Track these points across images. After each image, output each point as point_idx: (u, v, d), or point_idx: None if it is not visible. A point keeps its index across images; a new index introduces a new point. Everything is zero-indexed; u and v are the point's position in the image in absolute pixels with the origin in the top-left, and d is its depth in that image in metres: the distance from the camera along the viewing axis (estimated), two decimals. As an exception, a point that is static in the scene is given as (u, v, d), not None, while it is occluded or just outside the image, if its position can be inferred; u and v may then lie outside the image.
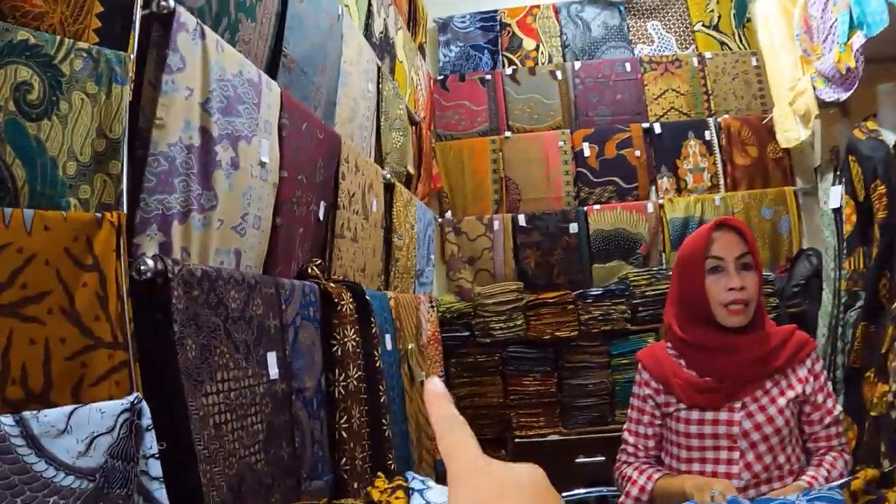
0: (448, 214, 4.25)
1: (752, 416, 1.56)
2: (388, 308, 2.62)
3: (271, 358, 1.48)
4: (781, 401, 1.57)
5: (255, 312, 1.45)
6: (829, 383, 1.68)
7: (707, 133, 4.11)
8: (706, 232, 1.64)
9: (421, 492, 1.17)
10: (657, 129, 4.12)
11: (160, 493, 0.93)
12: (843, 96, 3.18)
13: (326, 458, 1.72)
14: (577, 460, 3.43)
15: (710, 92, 4.21)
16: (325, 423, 1.78)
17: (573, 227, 4.02)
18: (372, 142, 2.78)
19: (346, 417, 1.82)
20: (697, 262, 1.63)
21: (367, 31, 2.81)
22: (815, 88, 3.30)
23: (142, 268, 1.14)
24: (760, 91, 4.16)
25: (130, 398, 0.95)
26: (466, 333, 3.78)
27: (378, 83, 2.86)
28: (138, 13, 1.14)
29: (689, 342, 1.64)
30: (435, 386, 0.43)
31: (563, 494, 3.48)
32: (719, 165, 4.10)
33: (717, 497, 1.37)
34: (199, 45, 1.36)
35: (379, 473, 1.48)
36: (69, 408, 0.89)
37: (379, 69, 2.87)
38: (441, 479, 3.37)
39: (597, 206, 4.05)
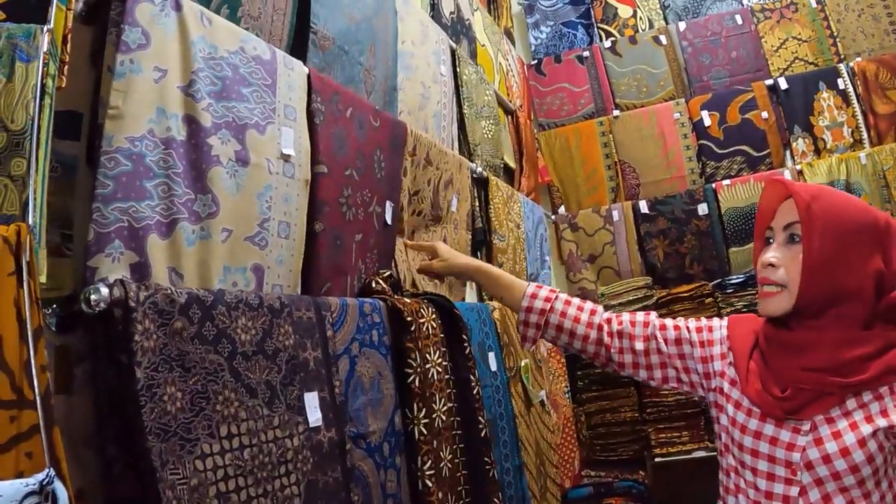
0: (561, 209, 3.91)
1: (821, 444, 1.14)
2: (492, 321, 2.27)
3: (310, 399, 1.16)
4: (866, 428, 1.12)
5: (281, 344, 1.14)
6: None
7: (840, 81, 3.55)
8: (761, 195, 1.30)
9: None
10: (783, 84, 3.61)
11: None
12: None
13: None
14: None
15: (835, 34, 3.65)
16: (405, 470, 1.45)
17: (702, 209, 3.58)
18: (454, 131, 2.45)
19: (430, 461, 1.48)
20: (758, 234, 1.31)
21: (434, 10, 2.49)
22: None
23: (92, 298, 0.86)
24: (892, 25, 3.58)
25: (39, 477, 0.67)
26: None
27: (455, 67, 2.54)
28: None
29: (765, 331, 1.28)
30: None
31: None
32: (859, 117, 3.53)
33: None
34: (171, 19, 1.08)
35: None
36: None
37: (454, 52, 2.54)
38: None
39: (726, 182, 3.58)
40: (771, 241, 1.26)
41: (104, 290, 0.87)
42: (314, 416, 1.16)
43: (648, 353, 1.39)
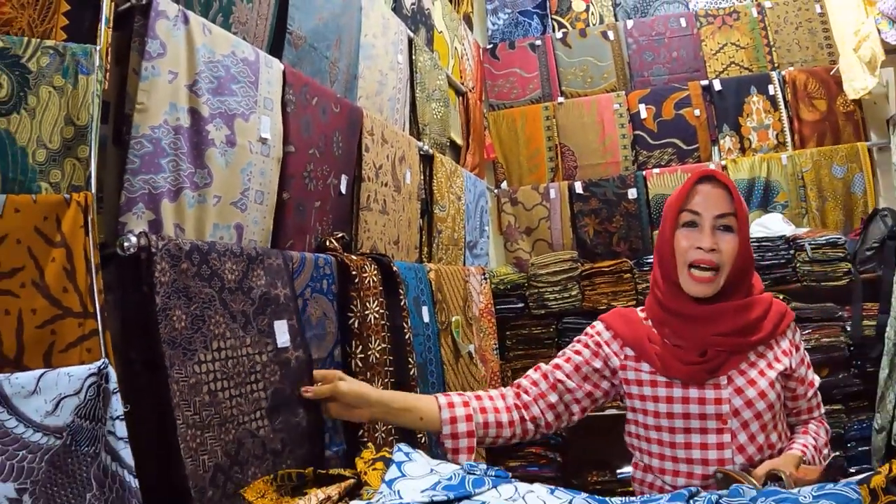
0: (503, 185, 4.26)
1: (741, 392, 1.41)
2: (427, 280, 2.65)
3: (280, 326, 1.53)
4: (771, 373, 1.43)
5: (255, 283, 1.50)
6: (807, 354, 1.56)
7: (771, 87, 3.91)
8: (689, 182, 1.47)
9: (400, 464, 1.18)
10: (717, 85, 3.97)
11: (126, 452, 0.99)
12: (909, 38, 2.97)
13: (339, 429, 1.76)
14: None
15: (772, 44, 4.01)
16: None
17: (632, 193, 3.94)
18: (406, 113, 2.80)
19: (364, 389, 1.86)
20: (671, 214, 1.47)
21: (396, 2, 2.81)
22: (879, 31, 3.08)
23: (125, 244, 1.21)
24: (827, 40, 3.91)
25: (98, 363, 1.02)
26: (521, 305, 3.72)
27: (410, 55, 2.87)
28: (105, 6, 1.19)
29: (664, 306, 1.49)
30: None
31: (620, 472, 3.43)
32: (785, 122, 3.89)
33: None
34: (181, 31, 1.41)
35: (368, 444, 1.51)
36: (39, 371, 0.97)
37: (411, 41, 2.87)
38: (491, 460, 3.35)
39: (656, 170, 3.95)
40: (694, 224, 1.43)
41: (133, 239, 1.22)
42: (283, 338, 1.52)
43: (562, 399, 1.53)
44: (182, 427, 1.20)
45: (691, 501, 1.04)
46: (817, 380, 1.57)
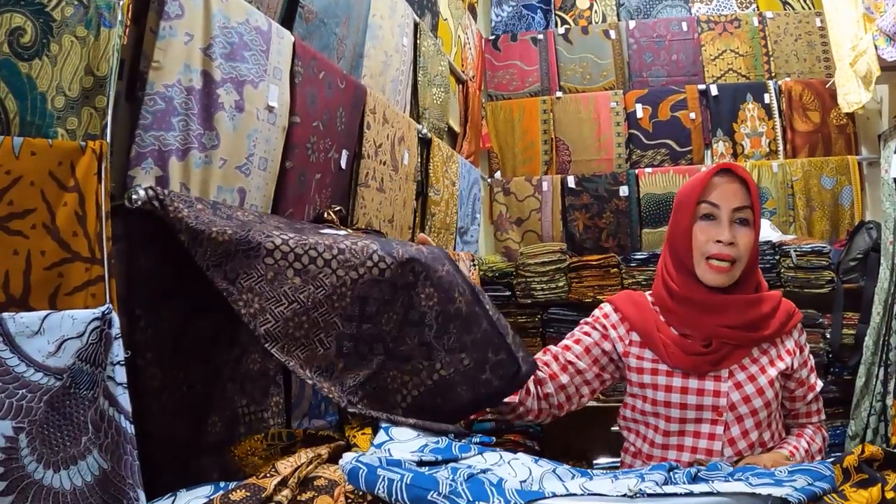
0: (497, 174, 4.28)
1: (740, 387, 1.42)
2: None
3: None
4: (772, 371, 1.44)
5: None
6: (812, 357, 1.57)
7: (766, 96, 3.95)
8: (706, 175, 1.48)
9: (387, 429, 1.21)
10: (714, 91, 4.01)
11: (124, 398, 1.02)
12: (906, 56, 3.00)
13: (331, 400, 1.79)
14: (613, 429, 3.35)
15: (770, 53, 4.05)
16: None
17: (623, 191, 3.96)
18: (408, 96, 2.83)
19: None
20: (688, 205, 1.48)
21: (404, -15, 2.83)
22: (876, 48, 3.13)
23: (133, 197, 1.23)
24: (825, 53, 3.95)
25: (102, 308, 1.04)
26: (508, 293, 3.72)
27: (415, 38, 2.89)
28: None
29: (674, 294, 1.49)
30: None
31: (596, 462, 3.47)
32: (778, 130, 3.94)
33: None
34: (200, -5, 1.43)
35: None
36: (44, 312, 0.99)
37: (417, 25, 2.89)
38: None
39: (648, 170, 3.98)
40: (712, 217, 1.43)
41: (142, 192, 1.23)
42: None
43: (573, 380, 1.55)
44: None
45: (671, 473, 1.09)
46: (819, 385, 1.57)
